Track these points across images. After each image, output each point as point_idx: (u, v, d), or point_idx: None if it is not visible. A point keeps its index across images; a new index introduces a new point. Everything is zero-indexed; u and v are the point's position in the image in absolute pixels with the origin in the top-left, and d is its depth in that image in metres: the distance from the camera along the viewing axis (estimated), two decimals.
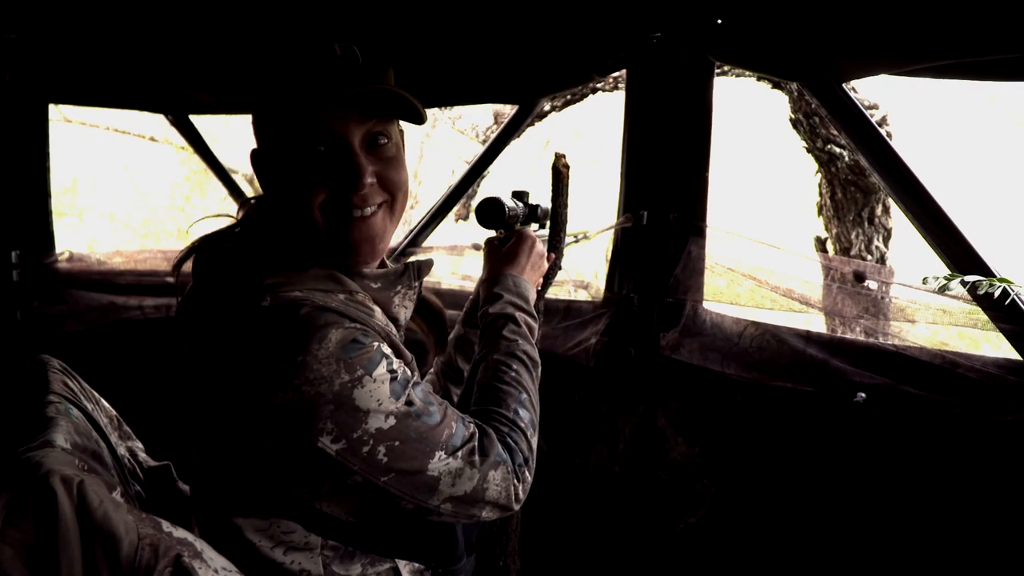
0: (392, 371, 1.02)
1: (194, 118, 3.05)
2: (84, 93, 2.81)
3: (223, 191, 3.46)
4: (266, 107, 1.09)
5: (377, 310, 1.13)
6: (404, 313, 1.20)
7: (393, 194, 1.11)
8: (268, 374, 0.97)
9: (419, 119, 1.10)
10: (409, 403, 1.03)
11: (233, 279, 1.06)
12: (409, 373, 1.07)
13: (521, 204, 1.49)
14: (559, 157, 1.54)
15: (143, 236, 8.39)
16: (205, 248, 1.14)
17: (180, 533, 0.92)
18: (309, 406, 0.97)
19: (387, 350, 1.04)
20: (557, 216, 1.56)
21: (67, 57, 2.55)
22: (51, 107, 2.92)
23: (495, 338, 1.28)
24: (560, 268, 1.60)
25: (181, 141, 3.95)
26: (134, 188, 8.91)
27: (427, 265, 1.22)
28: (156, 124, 7.30)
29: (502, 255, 1.44)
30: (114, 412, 1.23)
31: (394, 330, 1.15)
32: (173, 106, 2.94)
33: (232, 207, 1.22)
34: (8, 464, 0.88)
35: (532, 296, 1.40)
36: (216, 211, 1.23)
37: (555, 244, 1.57)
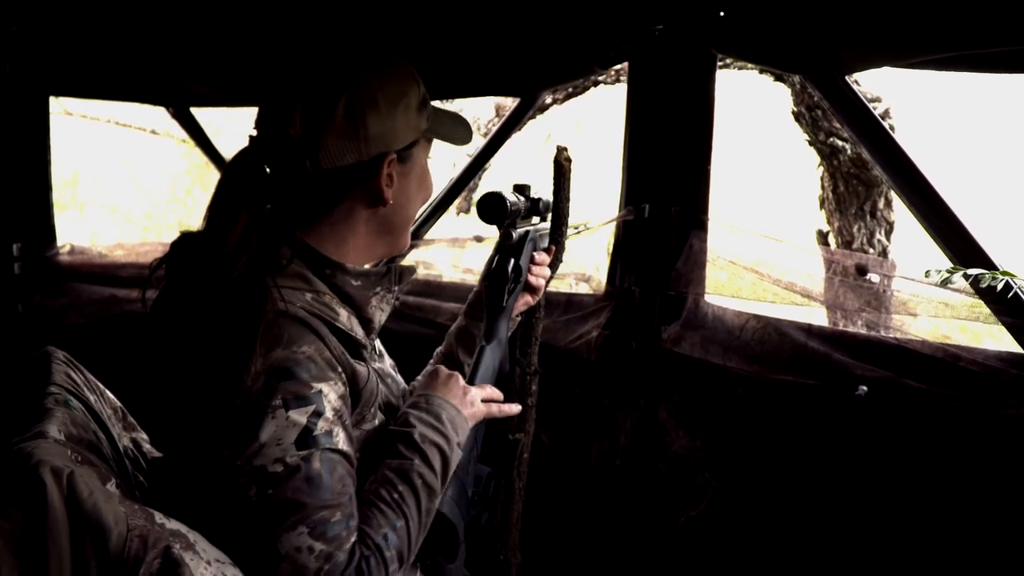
0: (312, 423, 0.99)
1: (195, 111, 3.05)
2: (85, 86, 2.81)
3: None
4: None
5: (343, 313, 1.11)
6: (380, 316, 1.18)
7: None
8: (215, 367, 1.00)
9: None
10: (308, 460, 0.98)
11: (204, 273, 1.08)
12: (339, 439, 1.02)
13: (523, 198, 1.48)
14: (561, 150, 1.54)
15: (144, 229, 8.39)
16: (179, 243, 1.14)
17: (173, 525, 0.92)
18: (224, 405, 0.99)
19: (327, 401, 1.01)
20: (559, 209, 1.55)
21: (68, 50, 2.55)
22: (52, 100, 2.91)
23: (393, 450, 1.13)
24: (561, 261, 1.60)
25: (182, 134, 3.95)
26: (135, 181, 8.90)
27: (409, 271, 1.21)
28: (157, 117, 7.28)
29: (429, 383, 1.27)
30: (119, 404, 1.23)
31: (361, 333, 1.14)
32: (174, 99, 2.93)
33: None
34: (1, 455, 0.88)
35: (454, 421, 1.19)
36: None
37: (557, 238, 1.57)
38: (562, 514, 2.21)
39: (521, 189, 1.49)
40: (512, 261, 1.44)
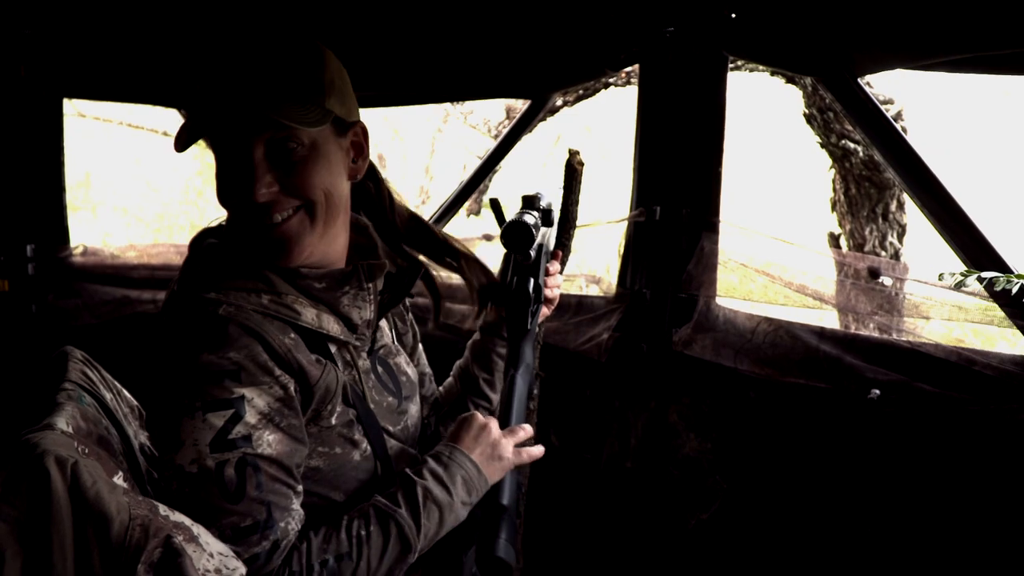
0: (228, 427, 1.01)
1: None
2: (98, 87, 2.82)
3: None
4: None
5: (308, 312, 1.13)
6: (358, 313, 1.19)
7: (308, 198, 1.10)
8: (158, 361, 1.06)
9: (307, 126, 1.07)
10: (222, 464, 1.00)
11: (190, 275, 1.12)
12: (261, 443, 1.03)
13: (536, 213, 1.44)
14: (573, 154, 1.53)
15: (156, 231, 8.43)
16: (194, 241, 1.19)
17: (177, 517, 0.94)
18: (158, 396, 1.05)
19: (251, 407, 1.03)
20: (568, 213, 1.54)
21: (81, 52, 2.56)
22: (65, 102, 2.93)
23: (391, 491, 1.15)
24: (566, 263, 1.58)
25: None
26: (146, 183, 8.95)
27: (379, 268, 1.22)
28: (169, 119, 7.32)
29: (458, 433, 1.25)
30: (135, 402, 1.25)
31: (337, 329, 1.16)
32: (186, 101, 2.94)
33: None
34: (8, 445, 0.90)
35: (469, 482, 1.19)
36: None
37: (564, 241, 1.55)
38: (572, 516, 2.21)
39: (531, 202, 1.45)
40: (532, 281, 1.40)
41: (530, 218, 1.37)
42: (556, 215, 1.55)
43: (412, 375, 1.38)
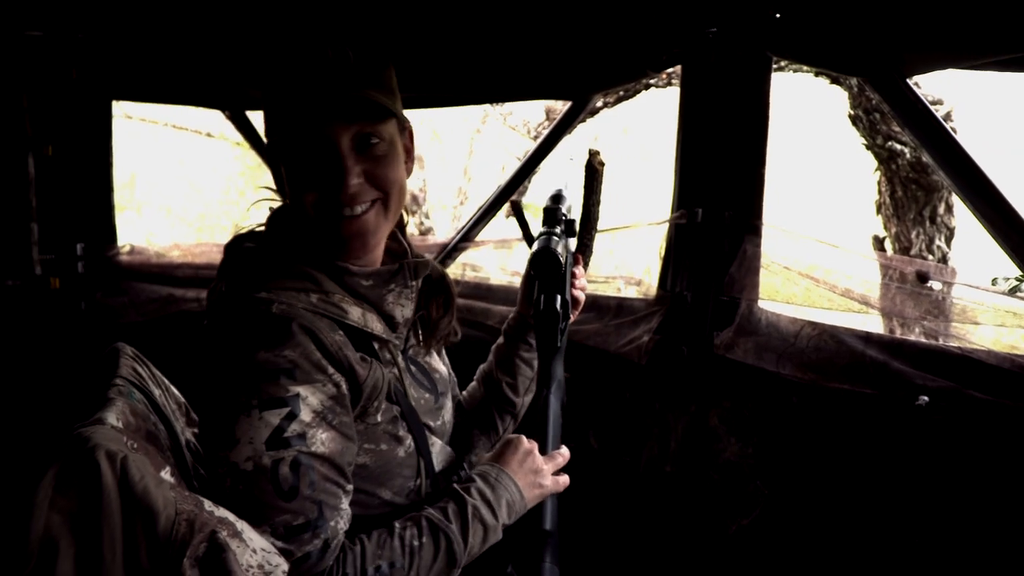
0: (284, 425, 1.02)
1: (250, 114, 3.11)
2: (147, 90, 2.88)
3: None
4: (267, 107, 1.15)
5: (354, 311, 1.14)
6: (401, 311, 1.21)
7: (386, 191, 1.14)
8: (212, 360, 1.07)
9: (396, 116, 1.15)
10: (277, 463, 1.02)
11: (235, 277, 1.14)
12: (315, 442, 1.05)
13: (559, 229, 1.42)
14: (594, 155, 1.51)
15: (198, 230, 8.59)
16: (230, 245, 1.21)
17: (221, 513, 0.95)
18: (212, 394, 1.06)
19: (306, 405, 1.04)
20: (589, 214, 1.52)
21: (131, 55, 2.62)
22: (114, 104, 3.00)
23: (443, 504, 1.17)
24: (588, 266, 1.55)
25: (236, 136, 4.04)
26: (189, 183, 9.12)
27: (423, 265, 1.24)
28: (212, 120, 7.45)
29: (504, 455, 1.26)
30: (183, 399, 1.27)
31: (381, 328, 1.18)
32: (231, 102, 3.00)
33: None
34: (61, 439, 0.93)
35: (512, 505, 1.21)
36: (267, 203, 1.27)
37: (585, 242, 1.53)
38: (610, 519, 2.19)
39: (552, 214, 1.43)
40: (559, 298, 1.38)
41: (556, 242, 1.36)
42: (576, 216, 1.53)
43: (444, 372, 1.40)
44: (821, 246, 1.99)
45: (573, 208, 1.54)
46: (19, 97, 2.58)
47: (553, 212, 1.43)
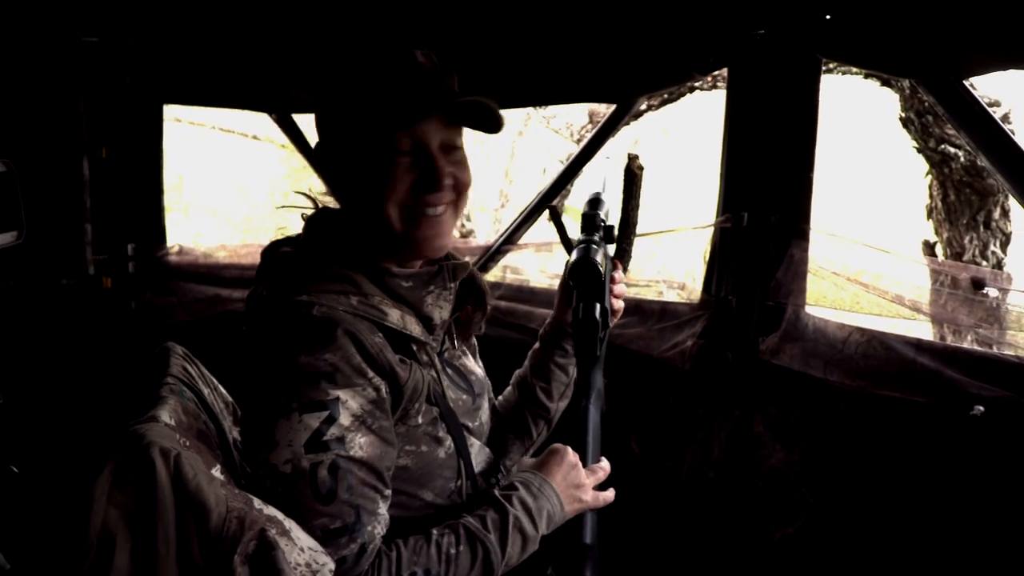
0: (323, 428, 1.03)
1: (296, 117, 3.15)
2: (197, 94, 2.94)
3: (321, 188, 3.56)
4: (341, 109, 1.15)
5: (393, 313, 1.15)
6: (439, 313, 1.21)
7: (461, 193, 1.18)
8: (253, 362, 1.08)
9: (496, 128, 1.17)
10: (316, 466, 1.02)
11: (275, 280, 1.15)
12: (353, 446, 1.05)
13: (599, 237, 1.41)
14: (633, 159, 1.50)
15: (244, 231, 8.73)
16: (267, 251, 1.23)
17: (270, 511, 0.97)
18: (253, 397, 1.08)
19: (345, 409, 1.05)
20: (627, 219, 1.51)
21: (181, 60, 2.68)
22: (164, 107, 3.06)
23: (481, 512, 1.16)
24: (627, 271, 1.54)
25: (282, 139, 4.09)
26: (236, 186, 9.27)
27: (462, 267, 1.24)
28: (259, 123, 7.58)
29: (549, 466, 1.26)
30: (230, 399, 1.29)
31: (419, 331, 1.18)
32: (278, 105, 3.04)
33: (329, 204, 1.28)
34: (117, 435, 0.95)
35: (552, 517, 1.21)
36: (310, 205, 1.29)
37: (624, 247, 1.51)
38: (652, 525, 2.18)
39: (591, 220, 1.42)
40: (598, 307, 1.36)
41: (595, 250, 1.35)
42: (614, 220, 1.51)
43: (480, 374, 1.40)
44: (870, 251, 1.95)
45: (611, 211, 1.53)
46: (76, 101, 2.64)
47: (591, 218, 1.43)
